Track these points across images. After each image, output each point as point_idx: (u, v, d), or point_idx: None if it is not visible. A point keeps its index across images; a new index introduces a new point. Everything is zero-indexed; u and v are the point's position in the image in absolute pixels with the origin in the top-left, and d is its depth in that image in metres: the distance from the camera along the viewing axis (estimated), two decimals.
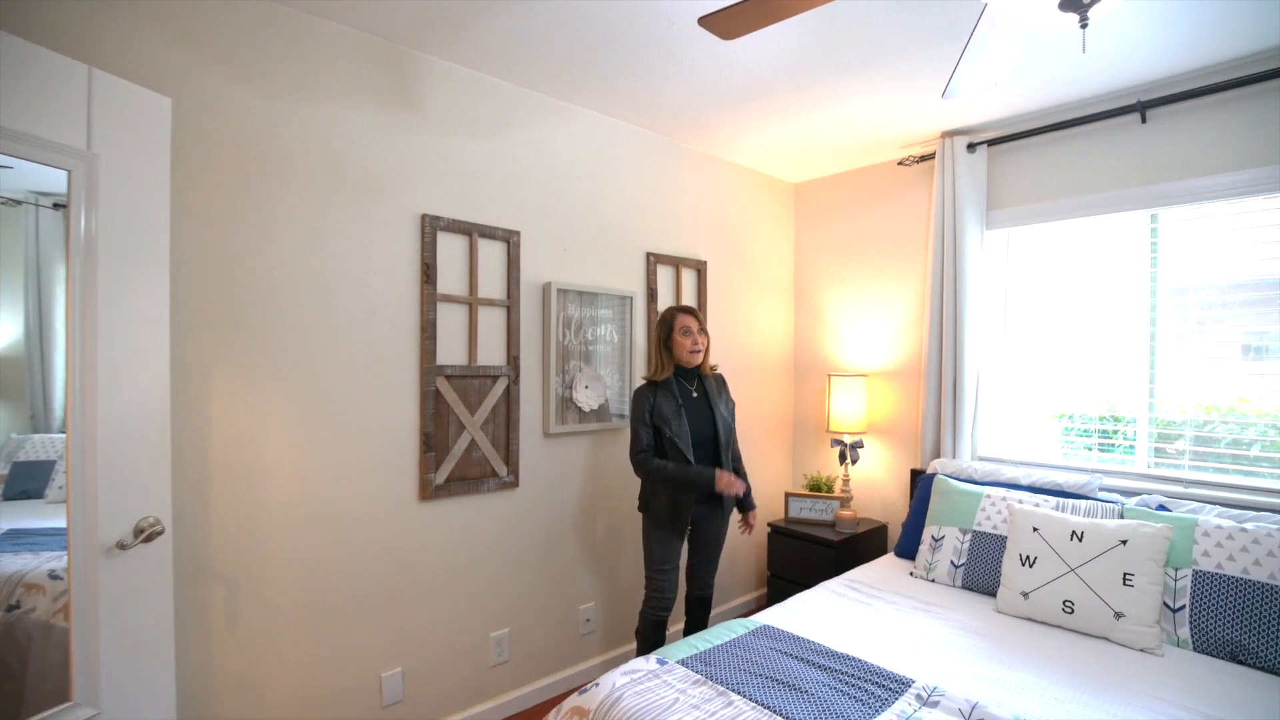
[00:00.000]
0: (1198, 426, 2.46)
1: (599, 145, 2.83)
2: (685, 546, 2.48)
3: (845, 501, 3.25)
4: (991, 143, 2.88)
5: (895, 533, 3.30)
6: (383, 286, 2.19)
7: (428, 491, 2.28)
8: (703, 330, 2.41)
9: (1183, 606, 1.90)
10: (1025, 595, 2.07)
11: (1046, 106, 2.71)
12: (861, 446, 3.27)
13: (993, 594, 2.25)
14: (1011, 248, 2.95)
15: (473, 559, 2.42)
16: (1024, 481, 2.57)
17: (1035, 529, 2.14)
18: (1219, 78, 2.33)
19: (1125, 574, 1.93)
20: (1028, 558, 2.11)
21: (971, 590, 2.31)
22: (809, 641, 1.85)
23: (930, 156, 3.10)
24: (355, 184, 2.13)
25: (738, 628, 1.96)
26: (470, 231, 2.39)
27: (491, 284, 2.48)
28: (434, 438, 2.30)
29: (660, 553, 2.36)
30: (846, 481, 3.31)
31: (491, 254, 2.48)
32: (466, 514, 2.41)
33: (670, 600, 2.38)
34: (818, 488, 3.36)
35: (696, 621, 2.57)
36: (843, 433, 3.30)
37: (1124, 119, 2.57)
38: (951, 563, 2.38)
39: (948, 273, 2.94)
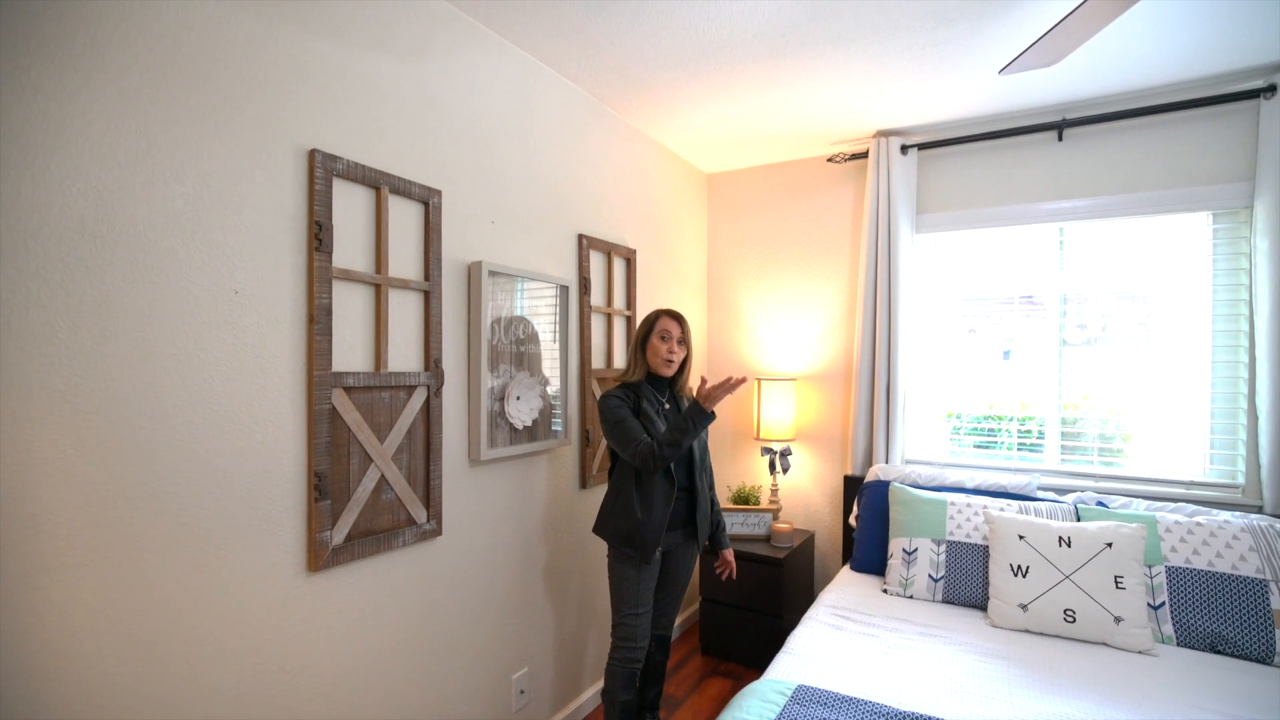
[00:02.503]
0: (1070, 424, 2.67)
1: (531, 97, 2.26)
2: None
3: (777, 513, 3.06)
4: (922, 147, 2.89)
5: (824, 541, 3.20)
6: (250, 251, 1.43)
7: (321, 558, 1.55)
8: (682, 341, 2.06)
9: (1163, 603, 1.97)
10: (1024, 607, 2.00)
11: (974, 115, 2.76)
12: (791, 454, 3.11)
13: (977, 606, 2.17)
14: (938, 251, 2.99)
15: (384, 643, 1.73)
16: (969, 484, 2.57)
17: (1021, 537, 2.09)
18: (1127, 105, 2.54)
19: (1116, 577, 1.94)
20: (1019, 567, 2.05)
21: (952, 604, 2.21)
22: (864, 702, 1.54)
23: (861, 155, 3.04)
24: (207, 86, 1.35)
25: (773, 695, 1.59)
26: (379, 184, 1.70)
27: (405, 259, 1.80)
28: (329, 478, 1.57)
29: (634, 594, 1.99)
30: (775, 491, 3.13)
31: (405, 217, 1.80)
32: (377, 581, 1.71)
33: (644, 648, 2.02)
34: (745, 499, 3.13)
35: (655, 666, 2.22)
36: (772, 440, 3.11)
37: (1043, 135, 2.71)
38: (930, 576, 2.26)
39: (881, 275, 2.88)
